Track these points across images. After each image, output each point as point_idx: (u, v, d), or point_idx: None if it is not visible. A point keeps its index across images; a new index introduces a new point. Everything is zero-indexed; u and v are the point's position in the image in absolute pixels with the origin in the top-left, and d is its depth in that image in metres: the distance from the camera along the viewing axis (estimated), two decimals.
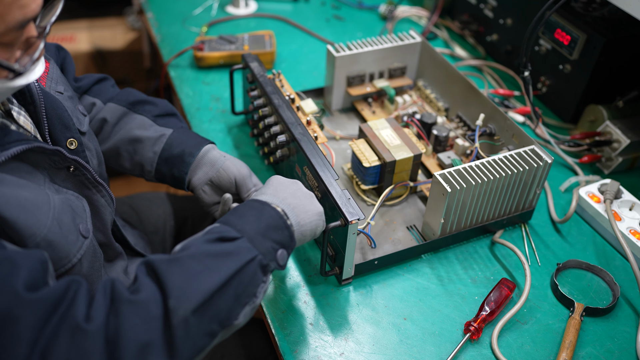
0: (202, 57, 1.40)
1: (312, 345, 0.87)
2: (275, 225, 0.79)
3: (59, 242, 0.74)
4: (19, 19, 0.64)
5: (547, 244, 1.05)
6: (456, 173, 0.95)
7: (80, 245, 0.78)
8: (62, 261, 0.76)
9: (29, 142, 0.74)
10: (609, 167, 1.19)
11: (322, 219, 0.86)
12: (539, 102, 1.38)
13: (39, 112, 0.81)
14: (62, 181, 0.81)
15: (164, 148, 1.01)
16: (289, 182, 0.87)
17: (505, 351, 0.87)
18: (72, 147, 0.85)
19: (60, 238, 0.74)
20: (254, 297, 0.74)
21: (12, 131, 0.74)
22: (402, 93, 1.30)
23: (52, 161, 0.79)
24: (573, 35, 1.21)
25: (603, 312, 0.93)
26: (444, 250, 1.02)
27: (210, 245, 0.74)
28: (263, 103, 1.10)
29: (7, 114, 0.78)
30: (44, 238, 0.72)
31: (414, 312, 0.92)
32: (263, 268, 0.75)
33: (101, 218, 0.89)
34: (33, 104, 0.81)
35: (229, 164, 0.99)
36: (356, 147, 1.07)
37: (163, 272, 0.68)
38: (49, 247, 0.73)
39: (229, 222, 0.78)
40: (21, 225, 0.69)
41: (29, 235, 0.70)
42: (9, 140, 0.72)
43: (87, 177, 0.85)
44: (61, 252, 0.75)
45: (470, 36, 1.57)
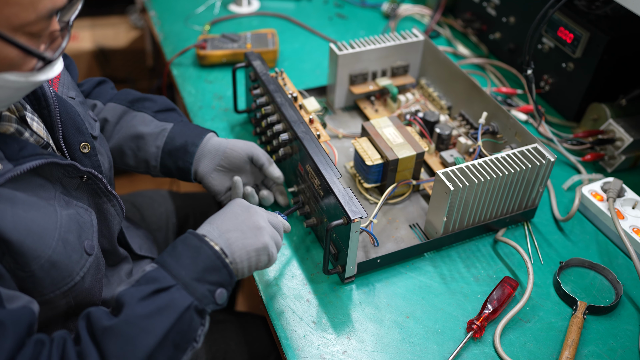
0: (205, 56, 1.40)
1: (314, 344, 0.87)
2: (212, 266, 0.77)
3: (62, 262, 0.75)
4: (49, 7, 0.64)
5: (550, 242, 1.05)
6: (459, 171, 0.95)
7: (83, 263, 0.78)
8: (65, 280, 0.76)
9: (45, 157, 0.74)
10: (612, 165, 1.19)
11: (265, 253, 0.83)
12: (542, 100, 1.38)
13: (54, 116, 0.81)
14: (74, 190, 0.81)
15: (166, 142, 1.02)
16: (241, 209, 0.85)
17: (508, 349, 0.87)
18: (86, 151, 0.85)
19: (64, 258, 0.75)
20: (193, 342, 0.74)
21: (28, 144, 0.74)
22: (405, 91, 1.30)
23: (66, 171, 0.79)
24: (576, 33, 1.21)
25: (606, 311, 0.93)
26: (446, 249, 1.02)
27: (145, 304, 0.72)
28: (265, 101, 1.10)
29: (21, 120, 0.78)
30: (48, 259, 0.72)
31: (416, 311, 0.92)
32: (200, 313, 0.75)
33: (109, 226, 0.89)
34: (47, 108, 0.81)
35: (234, 143, 1.00)
36: (359, 145, 1.07)
37: (101, 341, 0.69)
38: (53, 267, 0.73)
39: (165, 265, 0.76)
40: (26, 248, 0.69)
41: (34, 258, 0.71)
42: (24, 154, 0.72)
43: (99, 186, 0.85)
44: (64, 271, 0.75)
45: (473, 34, 1.57)
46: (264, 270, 0.97)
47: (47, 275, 0.73)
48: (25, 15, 0.63)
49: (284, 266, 0.98)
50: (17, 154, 0.72)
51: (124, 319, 0.70)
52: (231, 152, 1.00)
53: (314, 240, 1.03)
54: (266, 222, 0.85)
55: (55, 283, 0.75)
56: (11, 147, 0.72)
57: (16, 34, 0.63)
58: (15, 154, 0.72)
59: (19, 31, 0.63)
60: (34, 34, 0.65)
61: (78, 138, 0.85)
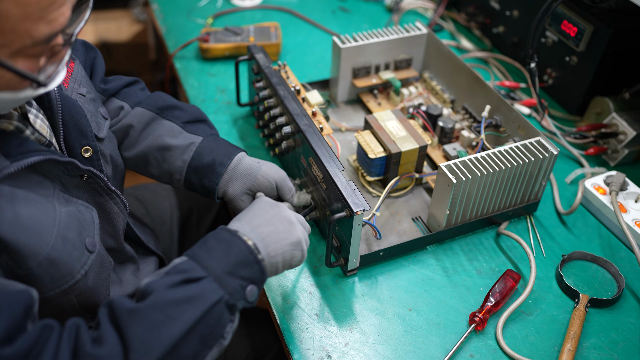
0: (208, 49, 1.40)
1: (317, 336, 0.88)
2: (245, 260, 0.75)
3: (62, 260, 0.73)
4: (46, 34, 0.62)
5: (553, 235, 1.05)
6: (462, 164, 0.95)
7: (85, 261, 0.77)
8: (66, 278, 0.75)
9: (43, 154, 0.72)
10: (615, 159, 1.19)
11: (299, 248, 0.81)
12: (545, 94, 1.38)
13: (56, 118, 0.80)
14: (74, 188, 0.80)
15: (193, 157, 0.98)
16: (269, 206, 0.84)
17: (510, 342, 0.88)
18: (87, 155, 0.84)
19: (64, 255, 0.73)
20: (221, 339, 0.72)
21: (28, 140, 0.73)
22: (408, 85, 1.30)
23: (65, 169, 0.77)
24: (580, 26, 1.21)
25: (608, 304, 0.93)
26: (449, 242, 1.02)
27: (173, 291, 0.70)
28: (268, 94, 1.10)
29: (23, 116, 0.77)
30: (46, 257, 0.71)
31: (419, 303, 0.93)
32: (230, 308, 0.73)
33: (113, 224, 0.88)
34: (50, 109, 0.80)
35: (266, 170, 0.97)
36: (362, 138, 1.07)
37: (124, 324, 0.67)
38: (52, 265, 0.72)
39: (196, 257, 0.74)
40: (22, 246, 0.68)
41: (31, 255, 0.69)
42: (23, 150, 0.71)
43: (100, 185, 0.84)
44: (64, 269, 0.74)
45: (476, 28, 1.56)
46: None
47: (45, 272, 0.72)
48: (21, 42, 0.61)
49: None
50: (15, 150, 0.70)
51: (151, 303, 0.69)
52: (263, 179, 0.96)
53: (317, 233, 1.03)
54: (296, 217, 0.85)
55: (54, 281, 0.74)
56: (9, 143, 0.71)
57: (14, 57, 0.62)
58: (14, 150, 0.70)
59: (18, 54, 0.62)
60: (31, 55, 0.64)
61: (80, 141, 0.83)
